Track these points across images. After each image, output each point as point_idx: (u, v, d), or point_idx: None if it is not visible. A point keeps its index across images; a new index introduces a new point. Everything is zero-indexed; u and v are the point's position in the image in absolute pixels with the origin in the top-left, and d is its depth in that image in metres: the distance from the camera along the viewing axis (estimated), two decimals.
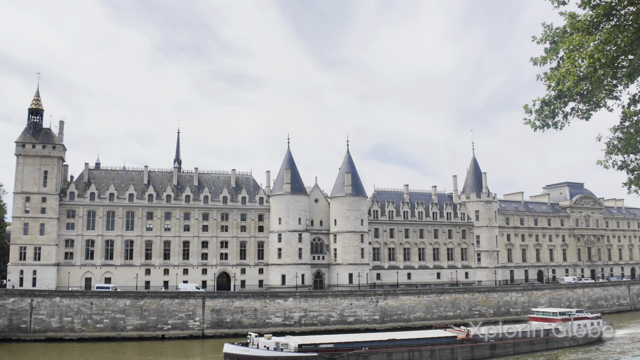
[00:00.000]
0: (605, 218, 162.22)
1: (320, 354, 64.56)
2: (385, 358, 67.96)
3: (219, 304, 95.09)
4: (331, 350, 65.84)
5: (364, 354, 66.96)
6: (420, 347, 70.21)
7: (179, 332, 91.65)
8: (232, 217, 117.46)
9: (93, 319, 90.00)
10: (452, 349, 71.86)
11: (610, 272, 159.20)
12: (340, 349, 66.27)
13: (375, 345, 68.73)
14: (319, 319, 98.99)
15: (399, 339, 71.45)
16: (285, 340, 66.94)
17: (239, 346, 64.67)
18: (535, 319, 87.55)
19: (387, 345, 69.34)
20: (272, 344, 64.77)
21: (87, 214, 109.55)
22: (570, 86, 16.50)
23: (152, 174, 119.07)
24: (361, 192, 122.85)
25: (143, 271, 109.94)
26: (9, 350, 79.96)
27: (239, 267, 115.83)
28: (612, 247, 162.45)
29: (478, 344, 74.00)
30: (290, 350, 64.30)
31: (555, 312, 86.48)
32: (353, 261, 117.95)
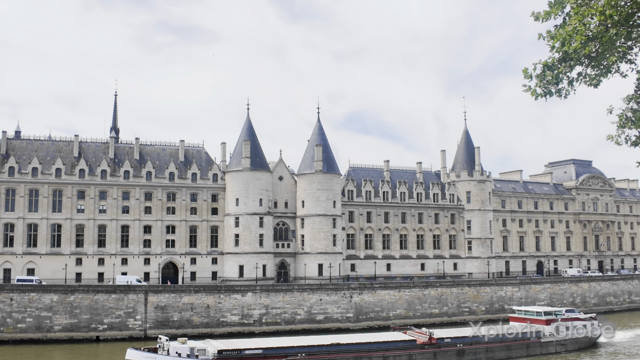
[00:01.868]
0: (616, 201, 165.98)
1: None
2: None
3: (164, 299, 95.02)
4: (259, 357, 65.23)
5: None
6: (370, 353, 69.75)
7: (116, 333, 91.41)
8: (181, 197, 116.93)
9: (13, 317, 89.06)
10: (409, 355, 71.67)
11: (620, 264, 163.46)
12: (270, 356, 65.64)
13: (314, 351, 68.04)
14: (283, 317, 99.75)
15: (344, 344, 70.93)
16: (203, 345, 65.73)
17: (145, 352, 63.58)
18: (516, 320, 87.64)
19: (330, 350, 68.65)
20: (186, 350, 63.47)
21: (4, 193, 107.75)
22: (577, 47, 16.53)
23: (83, 145, 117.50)
24: (334, 169, 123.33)
25: (73, 261, 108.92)
26: None
27: (188, 257, 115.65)
28: (624, 235, 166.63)
29: (442, 349, 73.74)
30: (207, 356, 63.29)
31: (539, 311, 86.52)
32: (323, 250, 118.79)
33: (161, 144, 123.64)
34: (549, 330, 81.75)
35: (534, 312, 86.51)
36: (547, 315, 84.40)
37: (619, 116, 19.44)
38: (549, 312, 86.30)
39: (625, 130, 19.50)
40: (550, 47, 17.12)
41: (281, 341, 72.25)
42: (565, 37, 16.70)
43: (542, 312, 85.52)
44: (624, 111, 19.39)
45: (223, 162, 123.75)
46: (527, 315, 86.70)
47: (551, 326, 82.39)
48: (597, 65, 17.38)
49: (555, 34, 17.07)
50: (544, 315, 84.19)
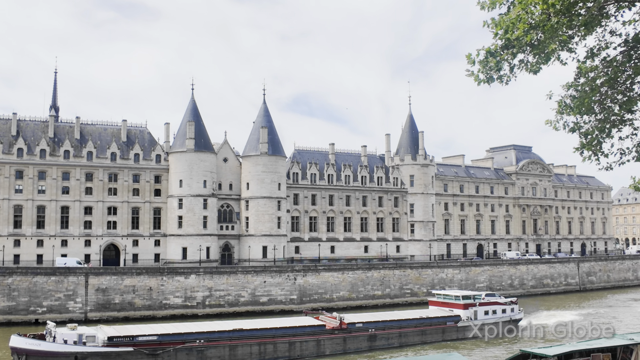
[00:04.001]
0: (554, 186, 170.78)
1: (138, 349, 60.95)
2: (227, 353, 65.03)
3: (105, 282, 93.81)
4: (153, 344, 62.16)
5: (197, 348, 63.80)
6: (275, 339, 67.48)
7: (56, 316, 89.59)
8: (123, 178, 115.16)
9: None
10: (317, 341, 69.70)
11: (558, 248, 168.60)
12: (165, 342, 62.87)
13: (215, 337, 65.42)
14: (226, 299, 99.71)
15: (247, 329, 68.43)
16: (93, 332, 62.09)
17: (31, 339, 59.60)
18: (435, 304, 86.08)
19: (232, 336, 66.16)
20: (73, 337, 59.97)
21: None
22: (519, 35, 16.85)
23: (22, 124, 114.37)
24: (279, 151, 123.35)
25: (11, 242, 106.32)
26: None
27: (130, 239, 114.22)
28: (561, 220, 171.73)
29: (353, 334, 71.87)
30: (97, 344, 60.03)
31: (457, 295, 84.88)
32: (268, 232, 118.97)
33: (103, 123, 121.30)
34: (467, 315, 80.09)
35: (452, 296, 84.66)
36: (465, 300, 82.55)
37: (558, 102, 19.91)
38: (468, 296, 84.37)
39: (563, 117, 20.00)
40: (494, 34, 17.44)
41: (178, 327, 69.08)
42: (508, 25, 17.03)
43: (460, 296, 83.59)
44: (562, 98, 19.87)
45: (167, 143, 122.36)
46: (445, 299, 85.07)
47: (469, 310, 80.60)
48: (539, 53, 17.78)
49: (499, 22, 17.37)
50: (462, 300, 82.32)
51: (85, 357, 58.79)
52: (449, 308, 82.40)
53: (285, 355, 67.28)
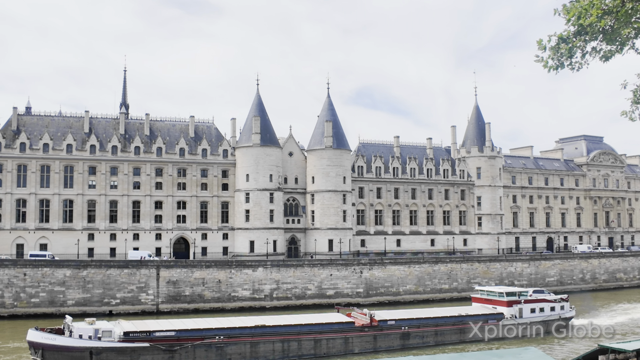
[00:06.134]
0: (627, 178, 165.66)
1: (154, 345, 59.73)
2: (247, 350, 63.20)
3: (176, 274, 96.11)
4: (170, 340, 60.76)
5: (217, 345, 62.10)
6: (299, 336, 65.10)
7: (129, 308, 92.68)
8: (191, 173, 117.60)
9: (27, 292, 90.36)
10: (345, 339, 66.98)
11: (631, 241, 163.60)
12: (183, 338, 61.36)
13: (235, 334, 63.54)
14: (293, 292, 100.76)
15: (270, 325, 65.96)
16: (109, 327, 61.03)
17: (48, 333, 59.49)
18: (477, 300, 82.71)
19: (253, 333, 64.13)
20: (90, 331, 59.40)
21: (16, 168, 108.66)
22: (592, 21, 16.65)
23: (94, 121, 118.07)
24: (344, 145, 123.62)
25: (85, 236, 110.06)
26: None
27: (199, 232, 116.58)
28: (634, 212, 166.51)
29: (384, 331, 69.01)
30: (112, 338, 59.35)
31: (501, 292, 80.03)
32: (333, 225, 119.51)
33: (171, 119, 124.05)
34: (511, 313, 76.41)
35: (495, 293, 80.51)
36: (509, 297, 78.53)
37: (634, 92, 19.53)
38: (512, 293, 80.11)
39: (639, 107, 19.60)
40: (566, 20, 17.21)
41: (198, 322, 66.93)
42: (581, 11, 16.83)
43: (504, 293, 79.16)
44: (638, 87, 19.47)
45: (233, 138, 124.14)
46: (489, 296, 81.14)
47: (513, 308, 76.88)
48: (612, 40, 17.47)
49: (571, 8, 17.18)
50: (505, 297, 78.34)
51: (100, 353, 58.28)
52: (492, 305, 78.77)
53: (310, 353, 65.05)
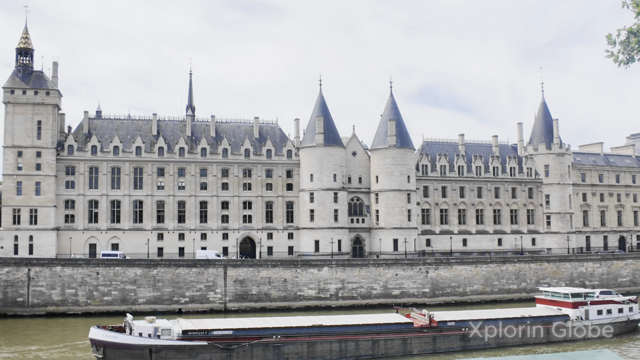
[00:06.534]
0: None
1: (212, 343, 60.05)
2: (305, 349, 62.65)
3: (243, 273, 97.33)
4: (228, 339, 60.96)
5: (274, 344, 61.88)
6: (357, 336, 64.35)
7: (197, 306, 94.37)
8: (256, 174, 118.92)
9: (100, 290, 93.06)
10: (403, 339, 65.68)
11: None
12: (241, 337, 61.38)
13: (292, 333, 63.11)
14: (359, 291, 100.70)
15: (327, 325, 65.31)
16: (169, 325, 61.77)
17: (109, 331, 60.41)
18: (542, 302, 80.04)
19: (310, 333, 63.54)
20: (149, 330, 60.25)
21: (88, 171, 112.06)
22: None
23: (161, 123, 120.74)
24: (407, 144, 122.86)
25: (155, 236, 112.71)
26: (4, 327, 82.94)
27: (264, 232, 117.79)
28: None
29: (444, 333, 67.45)
30: (171, 336, 60.08)
31: (566, 292, 76.95)
32: (398, 225, 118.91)
33: (236, 121, 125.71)
34: (577, 314, 73.41)
35: (560, 294, 77.58)
36: (575, 298, 75.38)
37: None
38: (578, 294, 76.77)
39: None
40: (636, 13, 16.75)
41: (255, 322, 66.92)
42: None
43: (569, 294, 76.03)
44: None
45: (297, 139, 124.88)
46: (553, 297, 78.36)
47: (579, 309, 73.79)
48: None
49: None
50: (571, 298, 75.26)
51: (159, 350, 59.01)
52: (557, 307, 76.02)
53: (368, 354, 64.13)
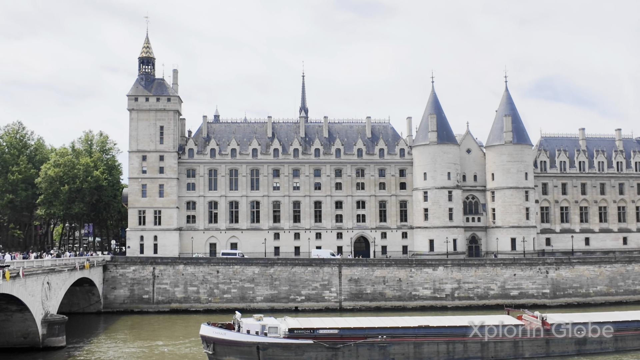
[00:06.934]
0: None
1: (318, 342, 60.36)
2: (411, 350, 61.74)
3: (357, 272, 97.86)
4: (333, 338, 60.99)
5: (379, 344, 61.30)
6: (465, 338, 62.79)
7: (313, 304, 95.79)
8: (369, 173, 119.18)
9: (220, 288, 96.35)
10: (514, 342, 63.71)
11: None
12: (346, 337, 61.26)
13: (398, 333, 62.38)
14: (475, 292, 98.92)
15: (434, 326, 64.18)
16: (276, 323, 62.42)
17: (218, 328, 61.95)
18: None
19: (417, 333, 62.57)
20: (257, 327, 61.26)
21: (208, 173, 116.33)
22: None
23: (276, 126, 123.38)
24: (524, 139, 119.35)
25: (271, 235, 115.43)
26: (132, 322, 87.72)
27: (378, 231, 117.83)
28: None
29: (557, 336, 64.43)
30: (278, 335, 60.87)
31: None
32: (516, 223, 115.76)
33: (348, 121, 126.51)
34: None
35: None
36: None
37: None
38: None
39: None
40: None
41: (361, 321, 66.75)
42: None
43: None
44: None
45: (409, 137, 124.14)
46: None
47: None
48: None
49: None
50: None
51: (267, 348, 59.84)
52: None
53: (477, 356, 62.70)
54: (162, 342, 72.33)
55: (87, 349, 68.53)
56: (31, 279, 64.49)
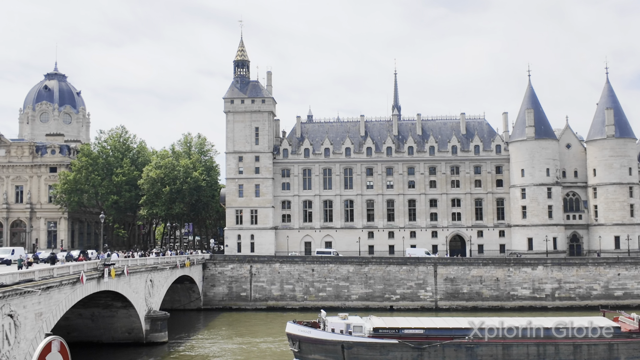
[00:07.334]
0: None
1: (403, 342, 59.07)
2: (499, 352, 59.56)
3: (453, 272, 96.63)
4: (419, 338, 59.57)
5: (467, 345, 59.43)
6: (556, 340, 59.95)
7: (408, 304, 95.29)
8: (464, 170, 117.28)
9: (315, 286, 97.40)
10: (609, 345, 60.06)
11: None
12: (432, 337, 59.67)
13: (486, 335, 60.11)
14: (577, 292, 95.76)
15: (524, 328, 61.28)
16: (360, 322, 61.70)
17: (304, 326, 62.08)
18: None
19: (506, 335, 60.49)
20: (341, 326, 60.75)
21: (302, 173, 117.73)
22: None
23: (368, 124, 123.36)
24: (628, 133, 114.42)
25: (365, 234, 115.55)
26: (230, 319, 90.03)
27: (474, 229, 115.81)
28: None
29: None
30: (362, 334, 60.11)
31: None
32: (619, 221, 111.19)
33: (442, 118, 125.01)
34: None
35: None
36: None
37: None
38: None
39: None
40: None
41: (447, 321, 65.23)
42: None
43: None
44: None
45: (505, 133, 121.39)
46: None
47: None
48: None
49: None
50: None
51: (351, 347, 59.36)
52: None
53: (569, 359, 59.80)
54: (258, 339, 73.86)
55: (189, 345, 70.90)
56: (135, 276, 67.31)
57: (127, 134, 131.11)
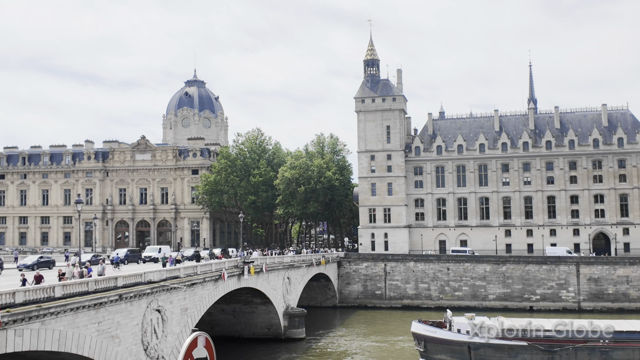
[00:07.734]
0: None
1: (532, 344, 56.26)
2: (637, 357, 55.02)
3: (597, 271, 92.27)
4: (550, 341, 56.48)
5: (601, 349, 55.53)
6: None
7: (549, 304, 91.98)
8: (607, 164, 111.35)
9: (451, 286, 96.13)
10: None
11: None
12: (564, 339, 56.28)
13: (623, 338, 55.75)
14: None
15: None
16: (488, 323, 58.90)
17: (429, 326, 60.62)
18: None
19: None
20: (467, 326, 58.38)
21: (435, 170, 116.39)
22: None
23: (503, 119, 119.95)
24: None
25: (502, 232, 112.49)
26: (366, 317, 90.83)
27: (619, 227, 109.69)
28: None
29: None
30: (490, 336, 57.34)
31: None
32: None
33: (581, 110, 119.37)
34: None
35: None
36: None
37: None
38: None
39: None
40: None
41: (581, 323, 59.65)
42: None
43: None
44: None
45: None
46: None
47: None
48: None
49: None
50: None
51: (478, 348, 57.52)
52: None
53: None
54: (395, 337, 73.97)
55: (326, 342, 72.17)
56: (273, 274, 69.37)
57: (263, 136, 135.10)
